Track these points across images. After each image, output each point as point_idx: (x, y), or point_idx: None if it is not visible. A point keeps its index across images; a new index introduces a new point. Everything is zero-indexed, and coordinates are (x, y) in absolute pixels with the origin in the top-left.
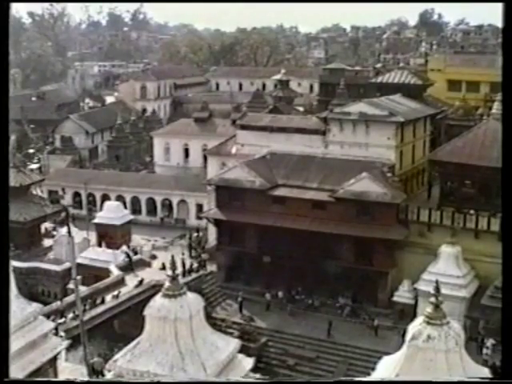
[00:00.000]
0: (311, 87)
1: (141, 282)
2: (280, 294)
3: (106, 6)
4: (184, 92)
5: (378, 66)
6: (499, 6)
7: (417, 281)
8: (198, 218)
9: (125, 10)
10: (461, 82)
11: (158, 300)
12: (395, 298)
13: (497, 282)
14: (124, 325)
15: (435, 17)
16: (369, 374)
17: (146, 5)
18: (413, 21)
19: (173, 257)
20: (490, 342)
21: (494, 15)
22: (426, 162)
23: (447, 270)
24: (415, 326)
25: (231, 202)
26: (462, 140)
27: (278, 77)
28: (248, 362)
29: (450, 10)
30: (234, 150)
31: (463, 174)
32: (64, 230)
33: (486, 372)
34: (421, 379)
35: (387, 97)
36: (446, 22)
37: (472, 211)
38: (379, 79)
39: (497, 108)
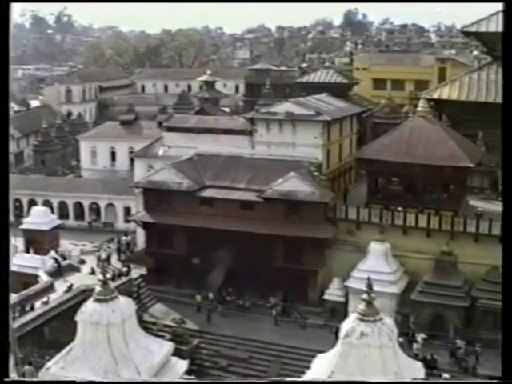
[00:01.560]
0: (237, 88)
1: (70, 287)
2: (210, 295)
3: (29, 8)
4: (109, 95)
5: (304, 65)
6: (423, 6)
7: (347, 278)
8: (127, 221)
9: (48, 13)
10: (386, 80)
11: (89, 305)
12: (326, 297)
13: (425, 277)
14: (54, 331)
15: (360, 16)
16: (303, 373)
17: (70, 7)
18: (338, 21)
19: (103, 261)
20: (420, 337)
21: (417, 15)
22: (353, 160)
23: (377, 267)
24: (348, 323)
25: (159, 205)
26: (389, 138)
27: (203, 78)
28: (182, 365)
29: (374, 9)
30: (160, 152)
31: (390, 171)
32: None
33: (418, 366)
34: (355, 376)
35: (313, 96)
36: (370, 21)
37: (400, 208)
38: (305, 79)
39: (422, 106)
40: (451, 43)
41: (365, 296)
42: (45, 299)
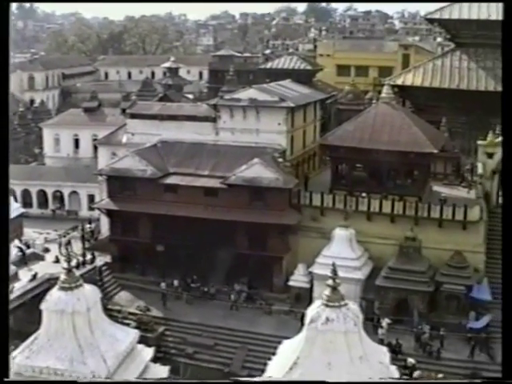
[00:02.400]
0: (201, 74)
1: (35, 276)
2: (175, 282)
3: None
4: (73, 82)
5: (267, 52)
6: None
7: (312, 265)
8: (91, 208)
9: None
10: (350, 66)
11: (54, 293)
12: (291, 283)
13: (390, 262)
14: (19, 321)
15: (323, 3)
16: (269, 359)
17: None
18: (302, 7)
19: (67, 249)
20: (385, 322)
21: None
22: (316, 146)
23: (341, 253)
24: (314, 309)
25: (123, 192)
26: (353, 124)
27: (167, 65)
28: (147, 352)
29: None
30: (124, 140)
31: (354, 157)
32: None
33: (384, 350)
34: (321, 361)
35: (277, 82)
36: (334, 8)
37: (364, 194)
38: (269, 65)
39: (386, 92)
40: (415, 30)
41: (330, 282)
42: (9, 288)
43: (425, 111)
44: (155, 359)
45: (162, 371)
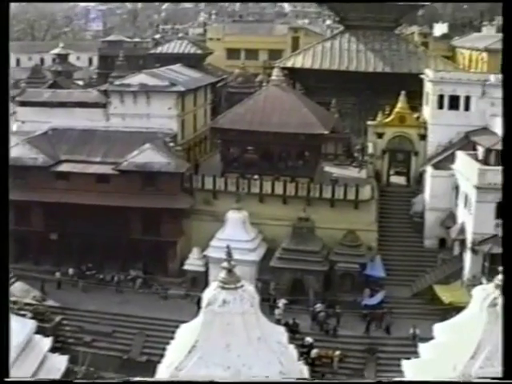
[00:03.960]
0: (90, 60)
1: None
2: (70, 270)
3: None
4: None
5: (157, 37)
6: None
7: (206, 248)
8: None
9: None
10: (240, 50)
11: None
12: (186, 267)
13: (284, 243)
14: None
15: None
16: (168, 344)
17: None
18: None
19: None
20: (281, 302)
21: None
22: (207, 130)
23: (235, 236)
24: (210, 292)
25: (14, 181)
26: (243, 107)
27: (56, 51)
28: (45, 342)
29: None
30: (14, 128)
31: (245, 140)
32: None
33: (281, 330)
34: (220, 343)
35: (167, 67)
36: None
37: (256, 176)
38: (159, 50)
39: (276, 75)
40: (304, 13)
41: (225, 264)
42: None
43: (315, 93)
44: (53, 349)
45: (60, 361)
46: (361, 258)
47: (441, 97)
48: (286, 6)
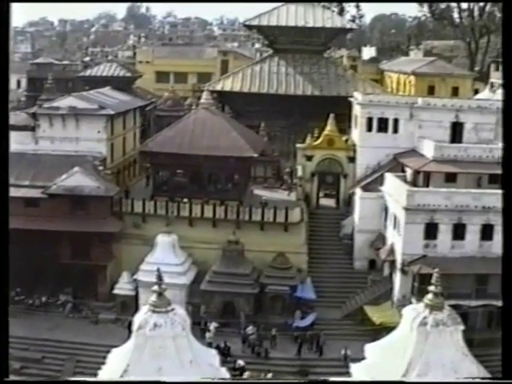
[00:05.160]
0: (19, 83)
1: None
2: None
3: None
4: None
5: (87, 59)
6: None
7: (136, 272)
8: None
9: None
10: (169, 73)
11: None
12: (116, 291)
13: (214, 266)
14: None
15: (143, 10)
16: (99, 369)
17: None
18: (121, 14)
19: None
20: (212, 326)
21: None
22: (137, 153)
23: (165, 259)
24: (141, 316)
25: None
26: (172, 130)
27: None
28: None
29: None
30: None
31: (175, 163)
32: None
33: (213, 353)
34: (151, 367)
35: (97, 90)
36: (153, 14)
37: (185, 199)
38: (88, 73)
39: (205, 98)
40: (234, 36)
41: (155, 287)
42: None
43: (244, 116)
44: None
45: None
46: (291, 281)
47: (369, 119)
48: (216, 30)
